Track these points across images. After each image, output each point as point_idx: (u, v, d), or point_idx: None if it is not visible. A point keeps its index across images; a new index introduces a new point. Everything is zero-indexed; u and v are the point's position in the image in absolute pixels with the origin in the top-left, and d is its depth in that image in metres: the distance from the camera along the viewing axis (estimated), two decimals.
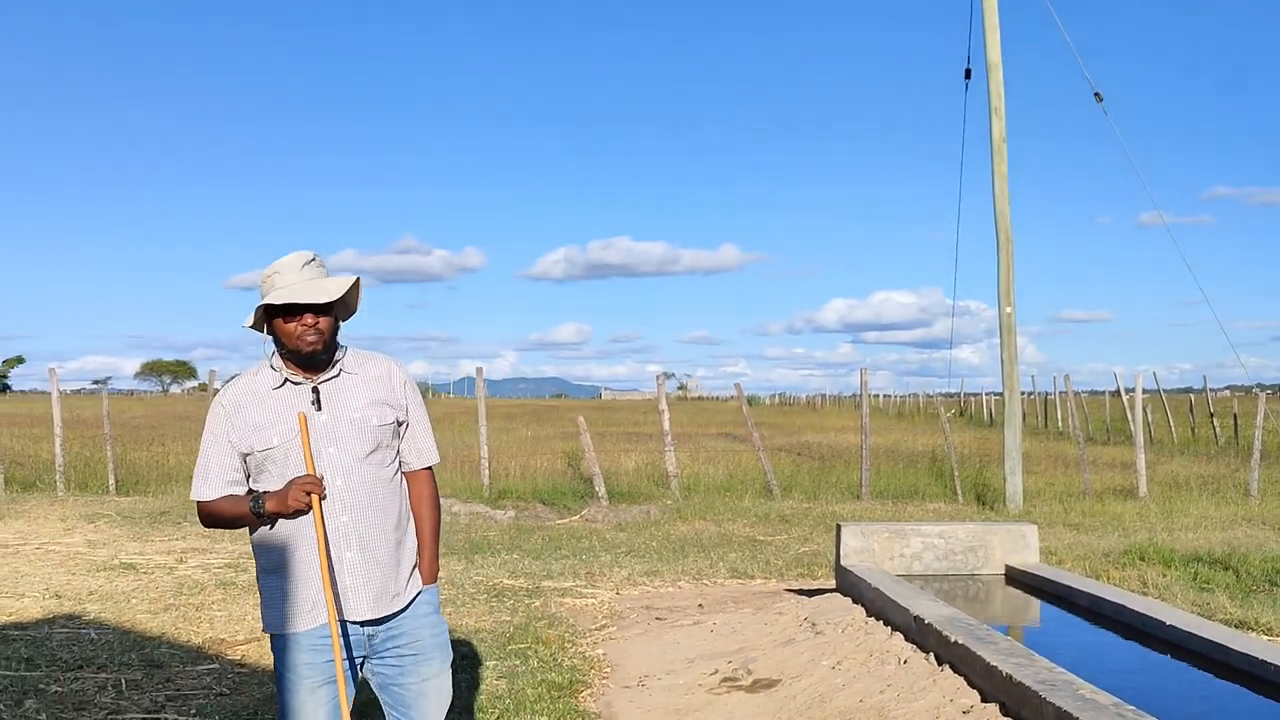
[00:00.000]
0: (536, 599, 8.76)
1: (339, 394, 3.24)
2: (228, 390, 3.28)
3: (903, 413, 55.88)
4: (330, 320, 3.20)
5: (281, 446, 3.16)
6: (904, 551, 8.00)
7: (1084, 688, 4.44)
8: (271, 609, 3.25)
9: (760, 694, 5.76)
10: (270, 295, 3.13)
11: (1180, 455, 25.03)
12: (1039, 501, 15.87)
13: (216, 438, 3.22)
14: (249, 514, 3.17)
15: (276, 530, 3.20)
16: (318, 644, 3.20)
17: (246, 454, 3.20)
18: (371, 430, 3.23)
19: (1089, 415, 36.25)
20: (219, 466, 3.21)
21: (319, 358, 3.20)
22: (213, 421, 3.23)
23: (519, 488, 16.40)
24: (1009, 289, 15.85)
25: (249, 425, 3.18)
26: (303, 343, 3.15)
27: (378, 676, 3.34)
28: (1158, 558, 10.17)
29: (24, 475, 18.12)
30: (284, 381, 3.22)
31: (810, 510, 15.10)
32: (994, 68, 16.04)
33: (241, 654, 6.85)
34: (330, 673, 3.20)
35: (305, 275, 3.16)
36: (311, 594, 3.18)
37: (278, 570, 3.22)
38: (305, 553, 3.18)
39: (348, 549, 3.18)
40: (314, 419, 3.19)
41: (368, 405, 3.25)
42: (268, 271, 3.18)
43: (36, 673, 6.33)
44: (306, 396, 3.21)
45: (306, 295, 3.10)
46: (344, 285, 3.20)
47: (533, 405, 77.85)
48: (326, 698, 3.21)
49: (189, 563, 10.41)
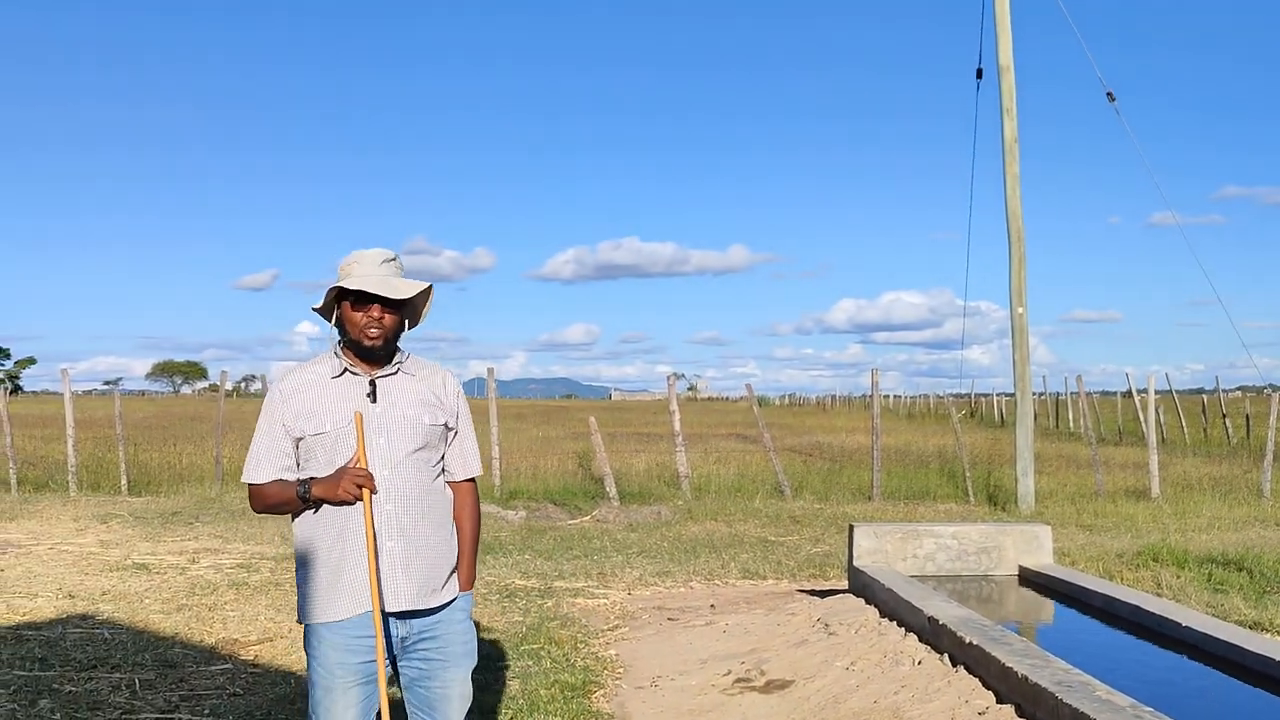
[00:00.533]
0: (548, 599, 8.76)
1: (394, 390, 3.32)
2: (287, 377, 3.35)
3: (913, 414, 55.79)
4: (396, 319, 3.29)
5: (332, 433, 3.23)
6: (917, 552, 7.98)
7: (1100, 689, 4.42)
8: (308, 598, 3.29)
9: (774, 695, 5.75)
10: (344, 280, 3.22)
11: (1192, 456, 24.94)
12: (1051, 502, 15.82)
13: (271, 422, 3.28)
14: (295, 499, 3.23)
15: (320, 520, 3.25)
16: (352, 643, 3.23)
17: (299, 439, 3.27)
18: (422, 428, 3.31)
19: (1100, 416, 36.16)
20: (271, 451, 3.28)
21: (378, 353, 3.29)
22: (269, 406, 3.31)
23: (530, 488, 16.42)
24: (1021, 289, 15.81)
25: (304, 410, 3.25)
26: (365, 335, 3.24)
27: (404, 675, 3.39)
28: (1171, 559, 10.12)
29: (36, 476, 18.18)
30: (343, 371, 3.30)
31: (821, 511, 15.09)
32: (1005, 69, 16.01)
33: (255, 654, 6.86)
34: (364, 674, 3.24)
35: (382, 271, 3.25)
36: (348, 582, 3.22)
37: (316, 558, 3.27)
38: (347, 543, 3.22)
39: (389, 538, 3.24)
40: (368, 411, 3.26)
41: (420, 404, 3.33)
42: (348, 259, 3.28)
43: (51, 672, 6.35)
44: (363, 388, 3.29)
45: (379, 288, 3.18)
46: (416, 288, 3.28)
47: (543, 406, 77.91)
48: (358, 699, 3.25)
49: (201, 563, 10.42)
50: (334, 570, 3.23)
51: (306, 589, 3.30)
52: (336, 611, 3.23)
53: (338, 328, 3.32)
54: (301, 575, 3.33)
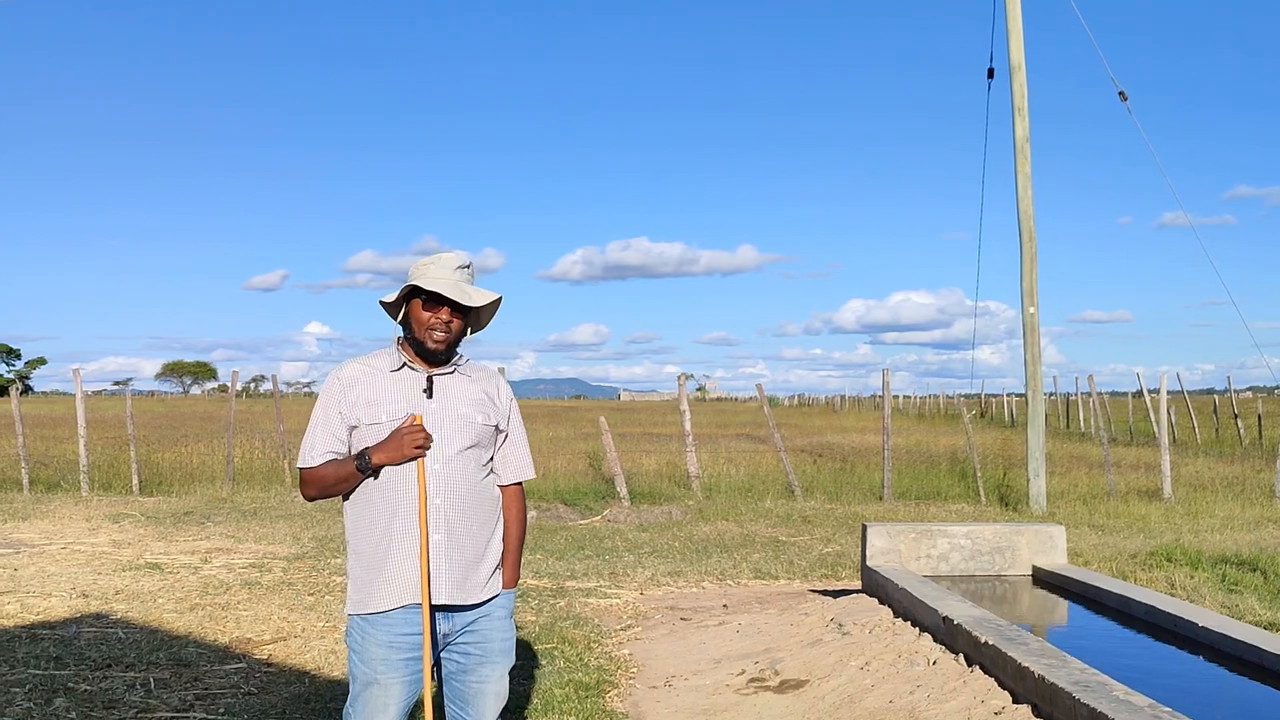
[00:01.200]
0: (561, 599, 8.75)
1: (450, 388, 3.40)
2: (346, 366, 3.42)
3: (923, 414, 55.71)
4: (461, 324, 3.37)
5: (387, 425, 3.29)
6: (930, 552, 7.96)
7: (1118, 688, 4.40)
8: (357, 587, 3.33)
9: (788, 694, 5.74)
10: (420, 280, 3.29)
11: (1204, 456, 24.86)
12: (1062, 503, 15.79)
13: (328, 408, 3.35)
14: (353, 472, 3.28)
15: (368, 509, 3.31)
16: (396, 639, 3.27)
17: (354, 426, 3.33)
18: (475, 426, 3.38)
19: (1111, 416, 36.06)
20: (326, 435, 3.34)
21: (439, 356, 3.36)
22: (326, 392, 3.39)
23: (540, 488, 16.42)
24: (1032, 289, 15.78)
25: (362, 400, 3.32)
26: (431, 336, 3.32)
27: (444, 668, 3.44)
28: (1185, 559, 10.09)
29: (48, 476, 18.23)
30: (402, 366, 3.39)
31: (832, 511, 15.07)
32: (1017, 68, 15.98)
33: (268, 653, 6.86)
34: (406, 670, 3.28)
35: (456, 277, 3.33)
36: (392, 573, 3.27)
37: (362, 548, 3.32)
38: (394, 534, 3.28)
39: (435, 531, 3.29)
40: (424, 407, 3.32)
41: (473, 403, 3.40)
42: (424, 261, 3.35)
43: (65, 671, 6.36)
44: (420, 383, 3.36)
45: (453, 292, 3.27)
46: (487, 297, 3.36)
47: (552, 406, 77.95)
48: (399, 695, 3.29)
49: (213, 563, 10.44)
50: (379, 560, 3.28)
51: (354, 579, 3.36)
52: (379, 602, 3.27)
53: (402, 325, 3.41)
54: (350, 566, 3.39)
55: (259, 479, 18.26)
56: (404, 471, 3.27)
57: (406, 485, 3.26)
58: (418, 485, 3.25)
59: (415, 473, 3.26)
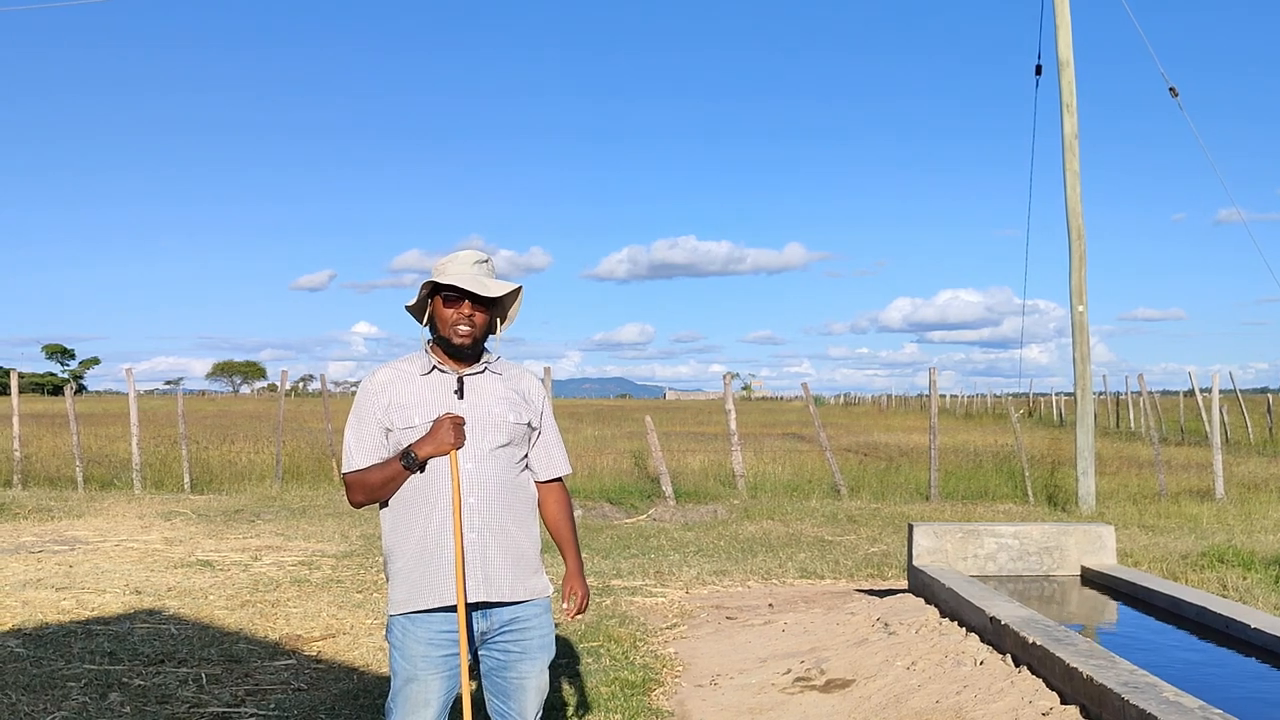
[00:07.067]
0: (607, 597, 8.78)
1: (481, 387, 3.43)
2: (379, 371, 3.46)
3: (970, 413, 55.22)
4: (485, 318, 3.39)
5: (422, 428, 3.33)
6: (978, 552, 7.91)
7: (1168, 690, 4.35)
8: (396, 587, 3.36)
9: (834, 694, 5.73)
10: (437, 276, 3.35)
11: (1257, 456, 24.50)
12: (1112, 503, 15.61)
13: (364, 414, 3.39)
14: (399, 470, 3.31)
15: (405, 512, 3.34)
16: (435, 636, 3.30)
17: (389, 430, 3.37)
18: (507, 425, 3.39)
19: (1162, 416, 35.58)
20: (366, 440, 3.38)
21: (465, 352, 3.39)
22: (362, 398, 3.42)
23: (586, 487, 16.46)
24: (1081, 287, 15.62)
25: (395, 404, 3.36)
26: (455, 332, 3.35)
27: (484, 664, 3.47)
28: (1237, 560, 9.94)
29: (102, 474, 18.53)
30: (432, 369, 3.42)
31: (878, 511, 15.00)
32: (1065, 64, 15.83)
33: (318, 650, 6.95)
34: (445, 667, 3.31)
35: (474, 271, 3.35)
36: (430, 573, 3.30)
37: (400, 550, 3.36)
38: (429, 535, 3.31)
39: (470, 530, 3.31)
40: (456, 408, 3.35)
41: (505, 402, 3.42)
42: (442, 260, 3.39)
43: (119, 666, 6.47)
44: (451, 385, 3.39)
45: (471, 284, 3.29)
46: (505, 288, 3.39)
47: (597, 405, 78.08)
48: (439, 692, 3.32)
49: (264, 560, 10.57)
50: (416, 561, 3.31)
51: (392, 579, 3.38)
52: (418, 602, 3.30)
53: (429, 327, 3.45)
54: (390, 569, 3.42)
55: (307, 477, 18.45)
56: (438, 472, 3.30)
57: (441, 486, 3.29)
58: (452, 485, 3.27)
59: (449, 473, 3.28)
